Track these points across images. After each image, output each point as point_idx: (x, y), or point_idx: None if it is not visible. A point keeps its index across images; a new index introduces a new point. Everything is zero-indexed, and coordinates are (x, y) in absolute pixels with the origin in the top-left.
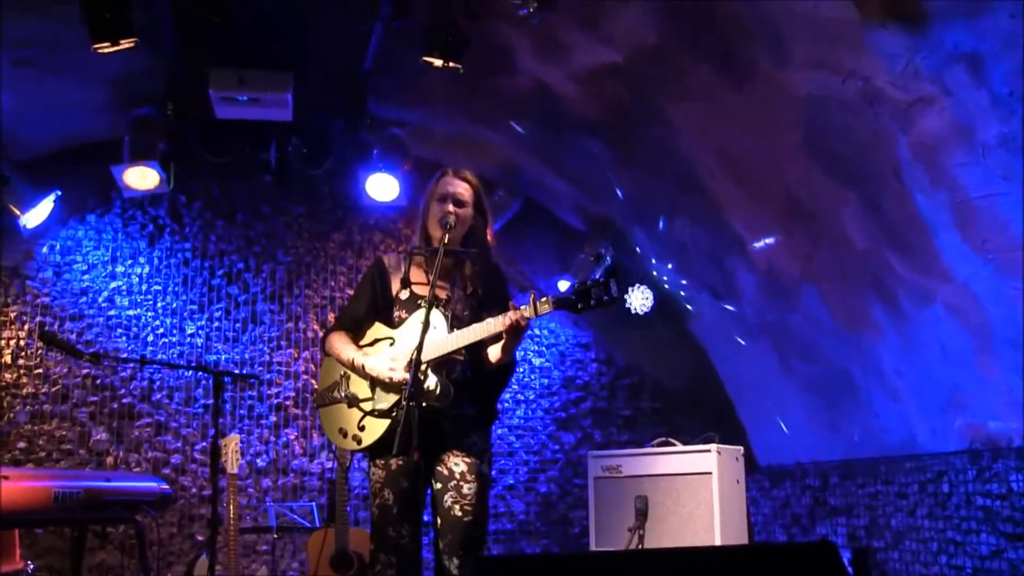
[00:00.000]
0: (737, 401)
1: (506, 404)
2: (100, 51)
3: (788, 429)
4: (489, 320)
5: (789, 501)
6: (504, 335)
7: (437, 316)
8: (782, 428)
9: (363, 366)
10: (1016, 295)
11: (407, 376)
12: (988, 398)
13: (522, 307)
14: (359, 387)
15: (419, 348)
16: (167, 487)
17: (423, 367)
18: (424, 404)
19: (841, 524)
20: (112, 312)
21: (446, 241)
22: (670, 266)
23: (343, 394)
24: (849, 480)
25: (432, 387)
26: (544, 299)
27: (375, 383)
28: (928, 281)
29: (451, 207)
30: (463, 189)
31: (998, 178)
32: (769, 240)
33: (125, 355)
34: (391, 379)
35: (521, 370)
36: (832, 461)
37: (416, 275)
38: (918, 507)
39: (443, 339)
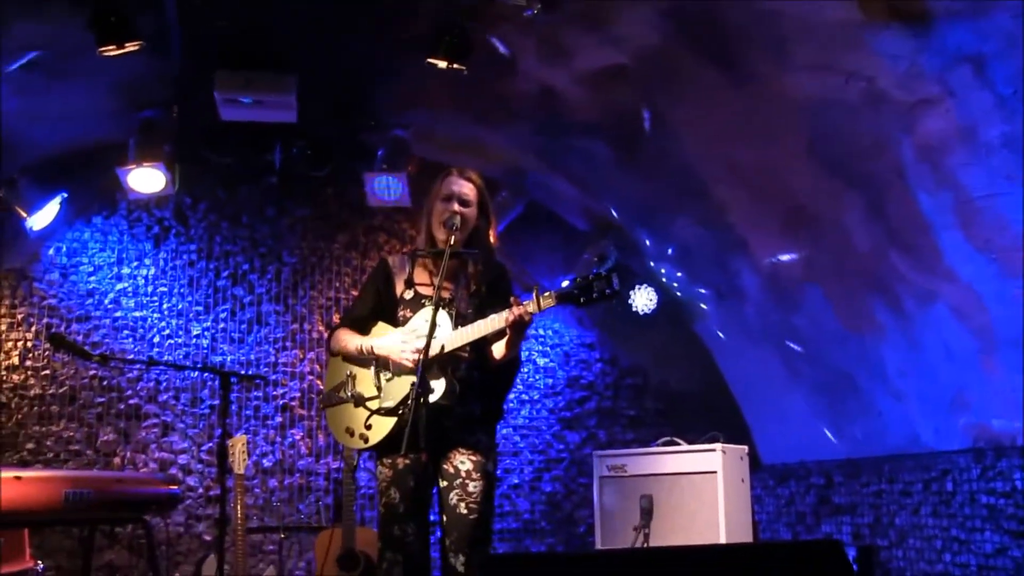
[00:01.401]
0: (742, 401)
1: (511, 404)
2: (106, 54)
3: (792, 428)
4: (493, 316)
5: (794, 499)
6: (508, 330)
7: (442, 315)
8: (786, 427)
9: (372, 348)
10: (1018, 295)
11: (419, 355)
12: (991, 397)
13: (525, 302)
14: (365, 386)
15: (426, 349)
16: (175, 487)
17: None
18: (431, 402)
19: (846, 522)
20: (118, 313)
21: (452, 241)
22: (676, 270)
23: (349, 394)
24: (853, 479)
25: (438, 386)
26: (547, 293)
27: (381, 381)
28: (931, 281)
29: (456, 206)
30: (468, 189)
31: (1001, 178)
32: (788, 256)
33: (132, 356)
34: (402, 358)
35: (526, 370)
36: (836, 460)
37: (420, 276)
38: (922, 505)
39: (448, 335)
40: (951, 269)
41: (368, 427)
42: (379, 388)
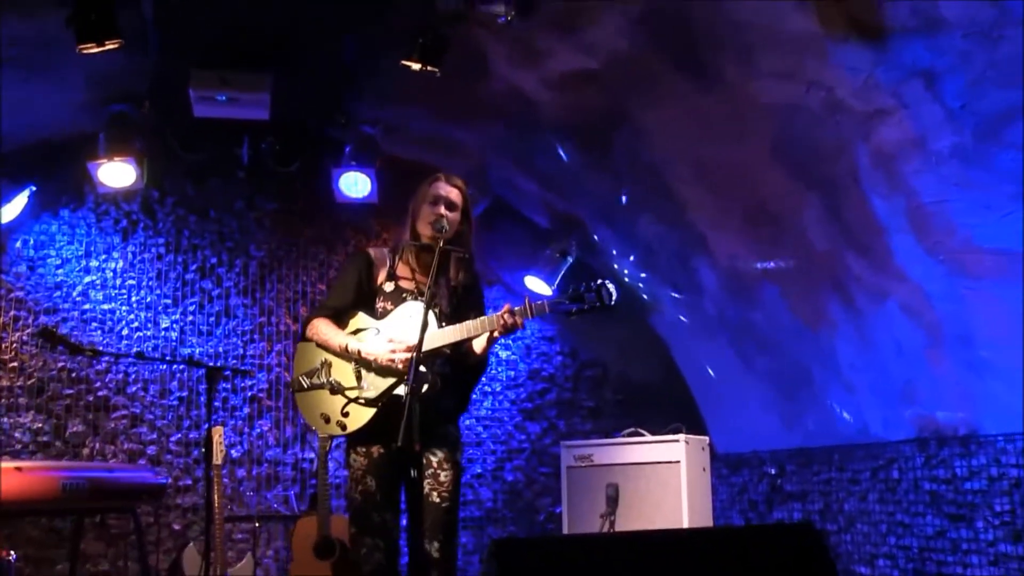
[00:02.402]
0: (697, 392)
1: (474, 395)
2: (85, 52)
3: (746, 419)
4: (483, 319)
5: (746, 487)
6: (497, 332)
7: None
8: (739, 418)
9: (359, 351)
10: (964, 294)
11: (411, 354)
12: (937, 390)
13: (518, 308)
14: (342, 375)
15: (419, 346)
16: (163, 477)
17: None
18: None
19: (796, 509)
20: (87, 306)
21: (440, 244)
22: (636, 267)
23: (325, 380)
24: (804, 467)
25: (424, 381)
26: (539, 303)
27: (361, 372)
28: (883, 280)
29: (442, 210)
30: (455, 195)
31: (950, 185)
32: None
33: (100, 348)
34: (392, 362)
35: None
36: (788, 449)
37: (402, 270)
38: (869, 492)
39: (436, 333)
40: (902, 269)
41: (345, 415)
42: (359, 378)
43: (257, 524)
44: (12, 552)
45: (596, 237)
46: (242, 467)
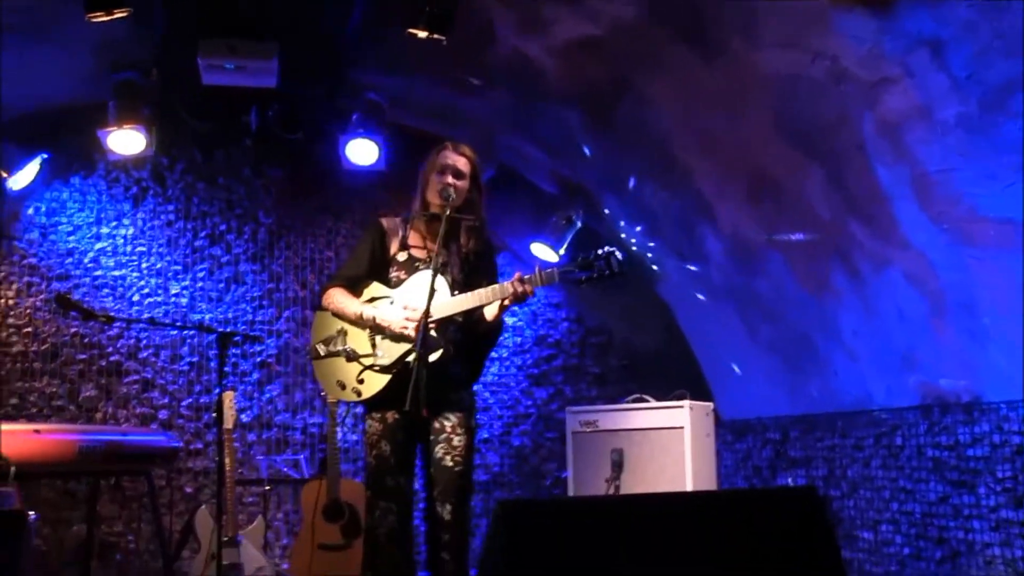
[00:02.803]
0: (702, 359)
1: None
2: (94, 20)
3: (750, 386)
4: (495, 286)
5: (751, 453)
6: (508, 300)
7: (439, 280)
8: (744, 384)
9: (373, 318)
10: (968, 263)
11: (418, 324)
12: (940, 358)
13: (529, 276)
14: (358, 342)
15: (426, 313)
16: (177, 441)
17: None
18: (430, 362)
19: (800, 475)
20: (98, 272)
21: (447, 212)
22: (642, 234)
23: (342, 348)
24: (808, 434)
25: (435, 348)
26: (549, 271)
27: (376, 339)
28: (887, 249)
29: (451, 179)
30: (463, 163)
31: (955, 154)
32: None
33: (112, 314)
34: (404, 331)
35: None
36: (792, 416)
37: (414, 239)
38: (873, 458)
39: (448, 301)
40: (906, 238)
41: (361, 381)
42: (374, 346)
43: (267, 487)
44: (31, 512)
45: (603, 205)
46: (253, 431)
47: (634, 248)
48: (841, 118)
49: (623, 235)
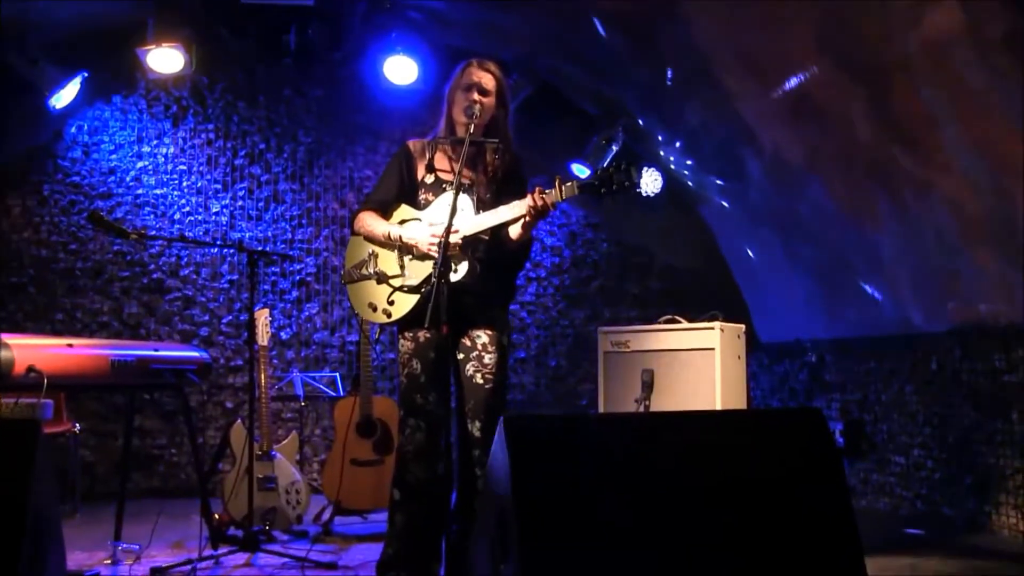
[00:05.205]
0: (741, 281)
1: (519, 282)
2: None
3: (789, 309)
4: (515, 203)
5: (787, 376)
6: (528, 216)
7: (464, 199)
8: (783, 307)
9: (400, 236)
10: (1010, 188)
11: (442, 239)
12: (979, 283)
13: (548, 191)
14: (387, 264)
15: (447, 230)
16: (207, 356)
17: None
18: (453, 281)
19: (836, 399)
20: (140, 191)
21: (471, 130)
22: (683, 155)
23: (372, 271)
24: (845, 357)
25: (461, 266)
26: (569, 183)
27: (404, 260)
28: (928, 173)
29: (476, 96)
30: (487, 79)
31: (999, 76)
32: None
33: (153, 232)
34: (430, 248)
35: (533, 249)
36: (829, 339)
37: (440, 161)
38: (907, 383)
39: (471, 219)
40: (948, 162)
41: (391, 303)
42: (402, 267)
43: (304, 403)
44: (77, 424)
45: (644, 126)
46: (291, 349)
47: (674, 168)
48: (885, 38)
49: (663, 153)
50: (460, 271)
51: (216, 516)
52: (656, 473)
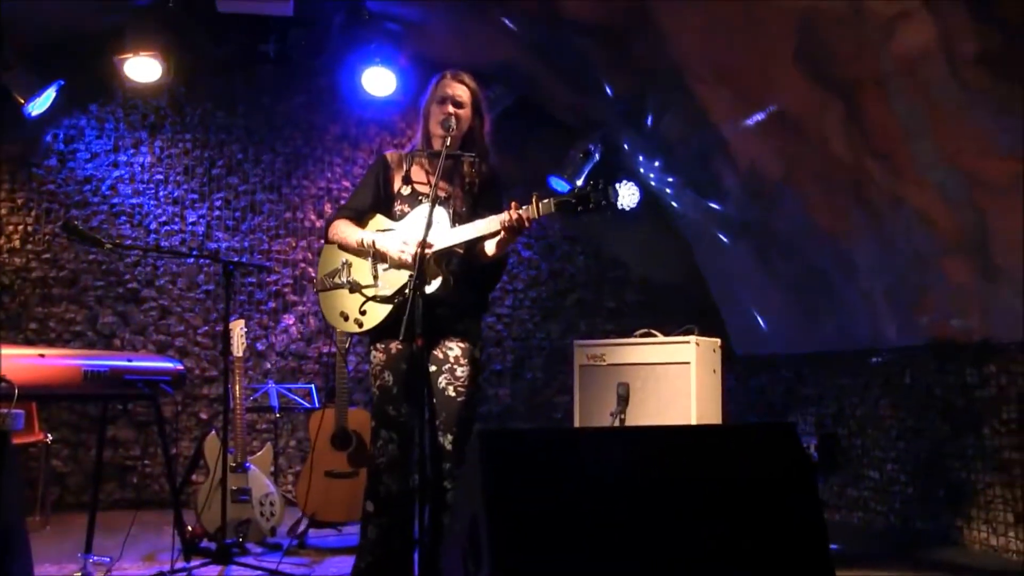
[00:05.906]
0: (718, 295)
1: (495, 294)
2: None
3: (765, 323)
4: (492, 217)
5: (764, 390)
6: (504, 232)
7: (440, 212)
8: (759, 321)
9: (373, 243)
10: (982, 202)
11: (418, 250)
12: (951, 298)
13: (524, 207)
14: (361, 274)
15: (423, 243)
16: (182, 367)
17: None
18: (427, 293)
19: (811, 412)
20: (116, 200)
21: (447, 143)
22: (660, 169)
23: (345, 280)
24: (820, 371)
25: (434, 278)
26: (546, 201)
27: (378, 271)
28: (902, 187)
29: (451, 108)
30: (462, 91)
31: (972, 91)
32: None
33: (130, 242)
34: (401, 257)
35: (510, 261)
36: (805, 353)
37: (417, 173)
38: (882, 397)
39: (447, 233)
40: (921, 176)
41: (363, 313)
42: (375, 277)
43: (279, 415)
44: (49, 434)
45: (621, 140)
46: (267, 360)
47: (652, 183)
48: (860, 53)
49: (641, 169)
50: (434, 284)
51: (189, 528)
52: (630, 487)
